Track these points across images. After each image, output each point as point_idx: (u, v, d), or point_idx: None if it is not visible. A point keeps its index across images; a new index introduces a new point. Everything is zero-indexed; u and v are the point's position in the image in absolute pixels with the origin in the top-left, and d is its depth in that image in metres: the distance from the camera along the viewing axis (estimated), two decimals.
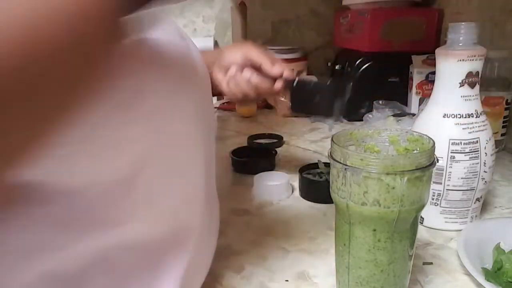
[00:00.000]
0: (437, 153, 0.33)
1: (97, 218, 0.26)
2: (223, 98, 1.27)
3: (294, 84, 0.56)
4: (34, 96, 0.17)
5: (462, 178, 0.47)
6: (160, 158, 0.29)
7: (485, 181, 0.48)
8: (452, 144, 0.46)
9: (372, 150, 0.37)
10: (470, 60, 0.45)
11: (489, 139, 0.47)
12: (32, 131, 0.18)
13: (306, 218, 0.55)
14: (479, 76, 0.46)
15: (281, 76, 0.56)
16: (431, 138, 0.34)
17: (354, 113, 1.01)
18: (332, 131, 0.98)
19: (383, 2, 1.00)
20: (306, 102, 0.57)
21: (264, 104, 1.23)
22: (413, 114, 0.89)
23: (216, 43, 1.33)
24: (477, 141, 0.46)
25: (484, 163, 0.47)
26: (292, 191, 0.63)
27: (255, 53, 0.57)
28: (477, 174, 0.47)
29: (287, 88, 0.57)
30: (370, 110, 0.96)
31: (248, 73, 0.57)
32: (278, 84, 0.56)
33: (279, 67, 0.56)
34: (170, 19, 0.36)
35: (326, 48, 1.32)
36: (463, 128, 0.46)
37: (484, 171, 0.47)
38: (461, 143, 0.46)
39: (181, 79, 0.32)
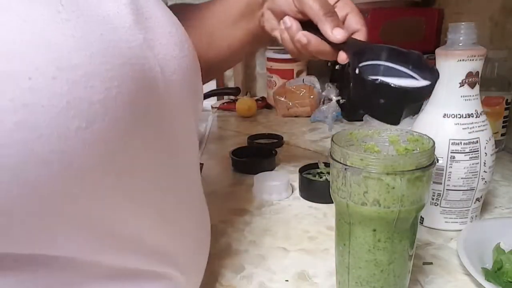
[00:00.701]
0: (437, 153, 0.33)
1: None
2: (223, 98, 1.27)
3: (357, 69, 0.36)
4: None
5: (462, 178, 0.47)
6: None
7: (485, 181, 0.48)
8: (452, 144, 0.46)
9: (372, 150, 0.37)
10: (470, 60, 0.45)
11: (489, 139, 0.47)
12: None
13: (306, 218, 0.55)
14: (479, 76, 0.46)
15: (344, 43, 0.42)
16: (431, 138, 0.34)
17: (354, 113, 1.01)
18: (332, 131, 0.98)
19: (383, 2, 1.00)
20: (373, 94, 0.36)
21: (264, 104, 1.23)
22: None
23: None
24: (477, 141, 0.46)
25: (484, 163, 0.47)
26: (292, 191, 0.63)
27: (311, 8, 0.43)
28: (477, 174, 0.47)
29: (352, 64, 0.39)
30: None
31: (304, 39, 0.44)
32: (342, 57, 0.43)
33: (341, 33, 0.42)
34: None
35: None
36: (463, 128, 0.46)
37: (484, 171, 0.47)
38: (461, 143, 0.46)
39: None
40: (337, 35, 0.42)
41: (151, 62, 0.25)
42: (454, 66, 0.45)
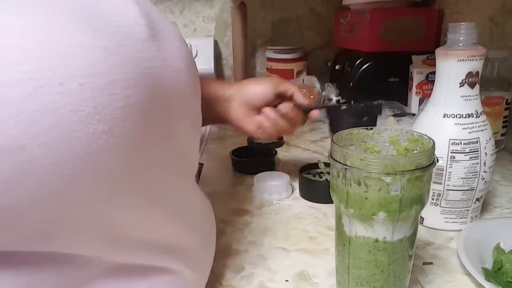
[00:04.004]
0: (437, 153, 0.33)
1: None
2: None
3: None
4: None
5: (462, 178, 0.47)
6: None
7: (485, 181, 0.48)
8: (452, 144, 0.46)
9: (372, 150, 0.37)
10: (470, 60, 0.45)
11: (489, 139, 0.47)
12: None
13: (306, 218, 0.55)
14: (479, 76, 0.46)
15: (313, 105, 0.59)
16: (431, 138, 0.34)
17: None
18: None
19: (383, 2, 1.00)
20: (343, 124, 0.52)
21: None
22: (413, 114, 0.90)
23: (216, 43, 1.33)
24: (477, 141, 0.46)
25: (484, 163, 0.47)
26: (292, 191, 0.63)
27: (284, 86, 0.58)
28: (477, 174, 0.47)
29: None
30: None
31: (285, 106, 0.58)
32: (315, 114, 0.58)
33: (311, 98, 0.63)
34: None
35: (326, 48, 1.32)
36: (463, 128, 0.46)
37: (484, 171, 0.47)
38: (461, 143, 0.46)
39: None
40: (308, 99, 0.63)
41: (163, 73, 0.26)
42: (454, 66, 0.45)
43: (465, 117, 0.46)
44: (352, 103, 0.67)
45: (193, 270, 0.33)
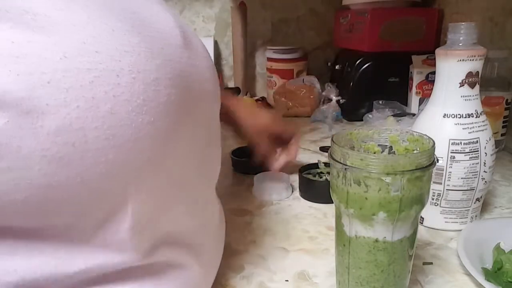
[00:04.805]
0: (437, 153, 0.33)
1: None
2: None
3: None
4: None
5: (462, 178, 0.47)
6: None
7: (485, 181, 0.48)
8: (452, 144, 0.46)
9: (372, 150, 0.37)
10: (470, 60, 0.45)
11: (489, 139, 0.47)
12: None
13: (306, 218, 0.55)
14: (479, 76, 0.46)
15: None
16: (431, 138, 0.34)
17: (354, 113, 1.01)
18: (332, 131, 0.98)
19: (383, 2, 1.00)
20: None
21: (264, 104, 1.23)
22: (413, 114, 0.89)
23: (216, 43, 1.33)
24: (477, 141, 0.46)
25: (484, 163, 0.47)
26: (292, 191, 0.63)
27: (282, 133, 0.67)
28: (477, 174, 0.47)
29: None
30: (370, 110, 0.96)
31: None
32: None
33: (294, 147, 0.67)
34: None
35: (326, 48, 1.32)
36: (463, 128, 0.46)
37: (484, 171, 0.47)
38: (461, 143, 0.46)
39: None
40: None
41: (193, 78, 0.28)
42: (454, 66, 0.45)
43: (465, 117, 0.46)
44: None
45: (204, 268, 0.34)
